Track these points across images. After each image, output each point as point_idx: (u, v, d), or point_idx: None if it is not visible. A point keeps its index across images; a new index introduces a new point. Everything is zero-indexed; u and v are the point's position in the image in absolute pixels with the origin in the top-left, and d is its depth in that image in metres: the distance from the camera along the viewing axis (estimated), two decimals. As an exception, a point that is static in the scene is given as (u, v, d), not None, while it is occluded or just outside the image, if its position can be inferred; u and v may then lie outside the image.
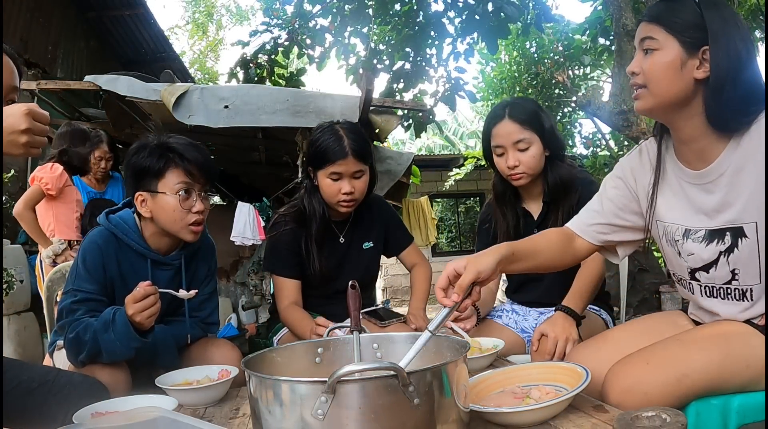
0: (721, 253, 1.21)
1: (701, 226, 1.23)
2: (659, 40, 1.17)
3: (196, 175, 1.63)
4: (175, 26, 17.46)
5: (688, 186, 1.25)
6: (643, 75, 1.19)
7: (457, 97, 7.03)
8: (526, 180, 1.83)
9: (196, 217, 1.63)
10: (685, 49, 1.15)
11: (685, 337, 1.25)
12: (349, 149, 1.84)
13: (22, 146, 1.17)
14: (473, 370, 1.39)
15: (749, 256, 1.18)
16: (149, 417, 0.96)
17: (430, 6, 7.25)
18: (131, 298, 1.43)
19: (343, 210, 1.94)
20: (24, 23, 5.51)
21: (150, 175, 1.61)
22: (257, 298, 4.88)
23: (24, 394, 1.32)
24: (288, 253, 1.97)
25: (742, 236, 1.18)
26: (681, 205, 1.26)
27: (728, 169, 1.17)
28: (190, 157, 1.62)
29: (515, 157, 1.79)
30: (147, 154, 1.61)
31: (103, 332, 1.45)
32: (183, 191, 1.60)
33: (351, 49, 7.35)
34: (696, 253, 1.25)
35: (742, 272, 1.21)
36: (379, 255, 2.16)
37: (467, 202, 13.58)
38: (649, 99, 1.19)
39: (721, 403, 1.17)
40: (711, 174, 1.20)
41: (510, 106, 1.84)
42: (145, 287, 1.43)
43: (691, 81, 1.15)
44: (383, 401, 0.85)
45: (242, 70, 6.77)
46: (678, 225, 1.27)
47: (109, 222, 1.65)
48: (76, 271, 1.59)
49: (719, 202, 1.20)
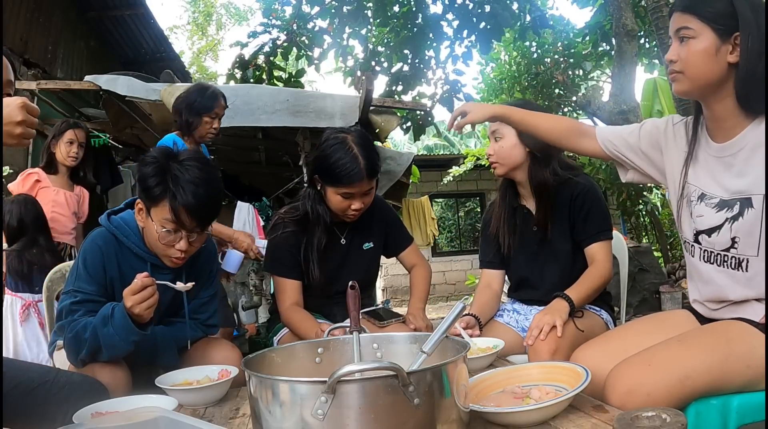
0: (727, 219, 1.29)
1: (717, 195, 1.32)
2: (694, 29, 1.25)
3: (185, 221, 1.50)
4: (174, 26, 17.46)
5: (712, 158, 1.34)
6: (681, 62, 1.28)
7: (455, 99, 7.03)
8: (501, 170, 1.91)
9: (178, 253, 1.55)
10: (719, 36, 1.23)
11: (686, 337, 1.26)
12: (365, 172, 1.82)
13: (16, 137, 1.22)
14: (473, 370, 1.39)
15: (751, 226, 1.25)
16: (149, 417, 0.96)
17: (428, 8, 7.26)
18: (129, 290, 1.42)
19: (350, 220, 1.96)
20: (24, 23, 5.50)
21: (146, 194, 1.53)
22: (257, 298, 4.88)
23: (24, 394, 1.32)
24: (289, 254, 1.97)
25: (749, 206, 1.25)
26: (703, 173, 1.36)
27: (747, 145, 1.26)
28: (184, 199, 1.48)
29: (492, 146, 1.92)
30: (151, 171, 1.51)
31: (102, 327, 1.44)
32: (167, 229, 1.52)
33: (349, 50, 7.35)
34: (705, 216, 1.33)
35: (741, 241, 1.27)
36: (379, 255, 2.16)
37: (467, 202, 13.58)
38: (685, 82, 1.29)
39: (721, 403, 1.17)
40: (732, 148, 1.29)
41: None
42: (143, 279, 1.42)
43: (724, 65, 1.24)
44: (383, 401, 0.85)
45: (240, 72, 6.77)
46: (696, 187, 1.37)
47: (111, 223, 1.63)
48: (76, 272, 1.58)
49: (735, 175, 1.28)
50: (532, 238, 1.93)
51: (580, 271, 1.82)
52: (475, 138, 15.68)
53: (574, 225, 1.87)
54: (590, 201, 1.85)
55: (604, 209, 1.87)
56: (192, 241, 1.56)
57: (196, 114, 2.72)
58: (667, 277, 6.49)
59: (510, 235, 1.97)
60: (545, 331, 1.58)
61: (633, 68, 5.64)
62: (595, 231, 1.84)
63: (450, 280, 11.27)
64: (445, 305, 10.51)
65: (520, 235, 1.96)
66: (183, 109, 2.73)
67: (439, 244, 12.20)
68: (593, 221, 1.84)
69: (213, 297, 1.83)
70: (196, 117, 2.72)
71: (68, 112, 5.01)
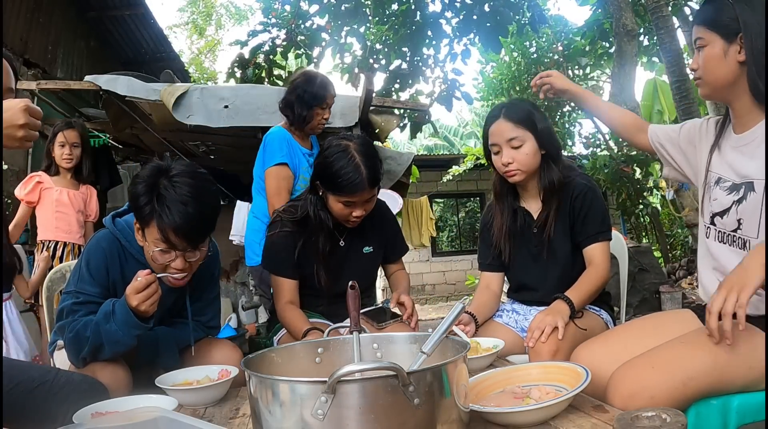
0: (734, 202, 1.38)
1: (730, 179, 1.42)
2: (705, 38, 1.37)
3: (175, 241, 1.46)
4: (173, 26, 17.45)
5: (731, 149, 1.45)
6: (700, 69, 1.41)
7: (454, 98, 7.03)
8: (521, 177, 1.85)
9: (176, 273, 1.52)
10: (725, 39, 1.34)
11: (689, 338, 1.25)
12: (367, 181, 1.81)
13: (18, 140, 1.22)
14: (473, 370, 1.39)
15: (753, 209, 1.33)
16: (149, 417, 0.96)
17: (427, 6, 7.25)
18: (133, 289, 1.42)
19: (350, 226, 1.96)
20: (24, 23, 5.50)
21: (138, 214, 1.50)
22: (257, 298, 4.88)
23: (24, 394, 1.32)
24: (286, 254, 1.97)
25: (751, 190, 1.34)
26: (723, 160, 1.46)
27: (759, 136, 1.35)
28: (170, 220, 1.43)
29: (509, 154, 1.83)
30: (140, 190, 1.47)
31: (104, 323, 1.45)
32: (160, 249, 1.49)
33: (347, 48, 7.34)
34: (718, 199, 1.43)
35: (745, 223, 1.35)
36: (379, 259, 2.17)
37: (467, 202, 13.58)
38: (706, 87, 1.42)
39: (721, 403, 1.17)
40: (746, 138, 1.39)
41: (506, 107, 1.89)
42: (146, 276, 1.43)
43: (735, 65, 1.34)
44: (383, 401, 0.85)
45: (240, 70, 6.77)
46: (715, 173, 1.47)
47: (115, 226, 1.63)
48: (79, 273, 1.58)
49: (745, 161, 1.38)
50: (532, 240, 1.93)
51: (579, 272, 1.82)
52: (474, 138, 15.68)
53: (574, 225, 1.87)
54: (589, 201, 1.84)
55: (603, 210, 1.87)
56: (190, 260, 1.53)
57: (308, 106, 2.58)
58: (667, 277, 6.49)
59: (510, 242, 1.96)
60: (546, 332, 1.57)
61: (633, 68, 5.64)
62: (593, 232, 1.83)
63: (450, 280, 11.26)
64: (444, 305, 10.51)
65: (521, 238, 1.95)
66: (294, 102, 2.58)
67: (439, 245, 12.20)
68: (592, 222, 1.84)
69: (215, 298, 1.84)
70: (308, 110, 2.57)
71: (68, 112, 5.01)
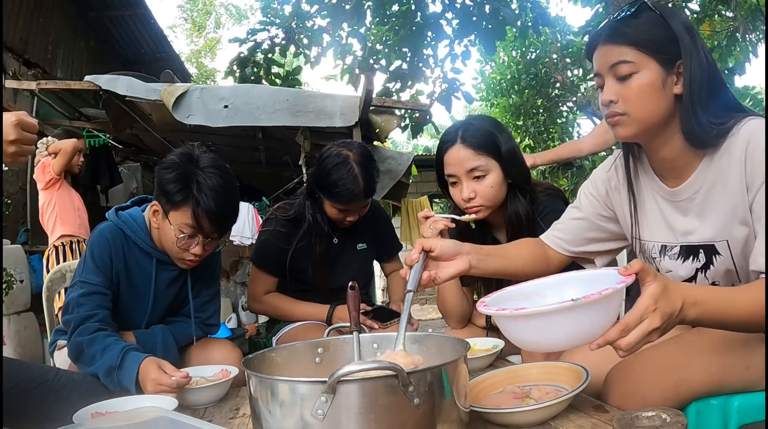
0: (698, 270, 1.19)
1: (676, 242, 1.21)
2: (635, 62, 1.08)
3: (206, 227, 1.53)
4: (173, 26, 17.46)
5: (663, 202, 1.22)
6: (623, 103, 1.10)
7: (453, 98, 7.03)
8: (485, 213, 1.60)
9: (192, 256, 1.58)
10: (663, 66, 1.09)
11: (684, 339, 1.25)
12: (364, 193, 1.83)
13: (10, 155, 1.20)
14: (473, 370, 1.39)
15: (726, 271, 1.17)
16: (149, 417, 0.96)
17: (427, 7, 7.25)
18: (156, 381, 1.34)
19: (344, 227, 2.00)
20: (24, 23, 5.50)
21: (167, 198, 1.54)
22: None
23: (24, 394, 1.32)
24: (275, 252, 2.02)
25: (715, 254, 1.16)
26: (656, 221, 1.24)
27: (702, 188, 1.14)
28: (207, 206, 1.50)
29: (470, 187, 1.57)
30: (172, 177, 1.53)
31: (105, 375, 1.40)
32: (185, 234, 1.54)
33: (348, 48, 7.34)
34: (673, 271, 1.22)
35: (722, 284, 1.19)
36: (373, 257, 2.21)
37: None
38: (632, 125, 1.12)
39: (721, 403, 1.17)
40: (685, 192, 1.17)
41: (463, 128, 1.61)
42: (180, 379, 1.34)
43: (672, 99, 1.10)
44: (383, 401, 0.85)
45: (239, 69, 6.77)
46: (654, 242, 1.25)
47: (119, 218, 1.66)
48: (84, 263, 1.60)
49: (692, 222, 1.18)
50: None
51: None
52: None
53: None
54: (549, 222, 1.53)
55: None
56: (206, 246, 1.59)
57: None
58: (667, 277, 6.47)
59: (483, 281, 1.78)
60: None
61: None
62: None
63: (450, 280, 11.23)
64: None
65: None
66: None
67: (439, 244, 12.17)
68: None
69: (215, 296, 1.85)
70: None
71: (68, 112, 5.01)
